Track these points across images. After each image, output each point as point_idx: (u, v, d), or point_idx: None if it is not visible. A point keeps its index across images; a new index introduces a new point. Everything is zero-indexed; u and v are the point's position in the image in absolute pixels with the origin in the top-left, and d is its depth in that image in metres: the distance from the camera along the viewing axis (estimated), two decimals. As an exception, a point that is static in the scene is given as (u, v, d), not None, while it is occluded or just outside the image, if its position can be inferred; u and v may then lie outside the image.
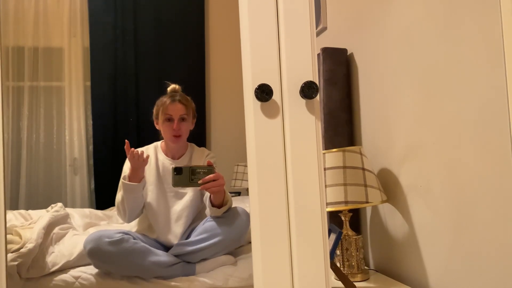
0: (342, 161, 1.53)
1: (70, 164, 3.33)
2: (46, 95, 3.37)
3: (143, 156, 1.67)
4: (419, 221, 1.44)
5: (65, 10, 3.40)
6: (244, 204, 2.05)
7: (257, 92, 0.87)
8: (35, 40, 3.35)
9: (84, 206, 3.24)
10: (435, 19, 1.31)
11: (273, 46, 0.90)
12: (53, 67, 3.39)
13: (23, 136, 3.28)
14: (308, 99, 0.89)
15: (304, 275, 0.88)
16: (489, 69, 1.09)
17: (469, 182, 1.18)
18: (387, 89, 1.62)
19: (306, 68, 0.90)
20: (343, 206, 1.48)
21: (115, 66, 3.40)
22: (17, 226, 1.84)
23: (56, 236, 1.79)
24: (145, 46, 3.45)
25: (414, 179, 1.46)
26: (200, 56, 3.56)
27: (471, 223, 1.19)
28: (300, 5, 0.91)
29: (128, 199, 1.71)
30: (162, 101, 1.81)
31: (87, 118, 3.41)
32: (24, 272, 1.59)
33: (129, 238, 1.63)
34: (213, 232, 1.67)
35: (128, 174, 1.70)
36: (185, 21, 3.53)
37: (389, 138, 1.62)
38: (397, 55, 1.54)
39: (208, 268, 1.68)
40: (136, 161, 1.66)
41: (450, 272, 1.28)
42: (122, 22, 3.43)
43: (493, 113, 1.09)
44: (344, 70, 1.90)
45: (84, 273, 1.64)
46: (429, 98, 1.35)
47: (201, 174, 1.57)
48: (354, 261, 1.57)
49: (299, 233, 0.89)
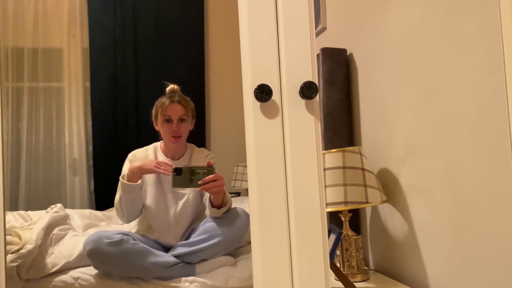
0: (342, 161, 1.53)
1: (69, 165, 3.33)
2: (45, 95, 3.37)
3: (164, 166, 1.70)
4: (419, 221, 1.44)
5: (65, 11, 3.40)
6: (244, 204, 2.05)
7: (256, 93, 0.87)
8: (34, 41, 3.35)
9: (83, 207, 3.24)
10: (434, 19, 1.31)
11: (272, 46, 0.90)
12: (52, 67, 3.39)
13: (22, 137, 3.27)
14: (307, 100, 0.89)
15: (304, 275, 0.88)
16: (488, 69, 1.09)
17: (469, 182, 1.18)
18: (387, 89, 1.62)
19: (305, 68, 0.90)
20: (343, 206, 1.48)
21: (114, 67, 3.40)
22: (17, 227, 1.84)
23: (56, 237, 1.79)
24: (144, 46, 3.44)
25: (414, 179, 1.46)
26: (199, 57, 3.55)
27: (471, 223, 1.18)
28: (299, 5, 0.91)
29: (126, 199, 1.71)
30: (161, 102, 1.81)
31: (86, 119, 3.40)
32: (23, 273, 1.59)
33: (129, 239, 1.63)
34: (213, 232, 1.66)
35: (127, 173, 1.71)
36: (184, 21, 3.53)
37: (388, 138, 1.62)
38: (396, 55, 1.54)
39: (208, 268, 1.67)
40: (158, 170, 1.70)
41: (450, 272, 1.28)
42: (121, 22, 3.42)
43: (493, 113, 1.08)
44: (343, 70, 1.90)
45: (84, 274, 1.64)
46: (428, 98, 1.35)
47: (200, 174, 1.57)
48: (354, 262, 1.57)
49: (299, 233, 0.88)
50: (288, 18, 0.91)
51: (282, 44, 0.90)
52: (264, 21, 0.90)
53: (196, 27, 3.56)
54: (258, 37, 0.90)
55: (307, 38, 0.90)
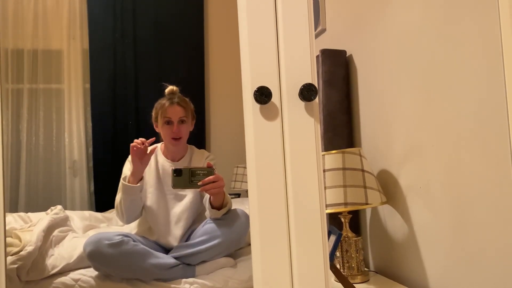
0: (342, 162, 1.53)
1: (69, 167, 3.33)
2: (45, 97, 3.37)
3: (142, 146, 1.68)
4: (418, 222, 1.44)
5: (64, 12, 3.40)
6: (244, 205, 2.05)
7: (256, 95, 0.87)
8: (34, 43, 3.35)
9: (83, 208, 3.23)
10: (433, 20, 1.31)
11: (272, 48, 0.90)
12: (52, 69, 3.39)
13: (22, 138, 3.27)
14: (307, 102, 0.89)
15: (304, 277, 0.88)
16: (488, 69, 1.09)
17: (469, 183, 1.18)
18: (386, 90, 1.62)
19: (305, 70, 0.90)
20: (343, 207, 1.48)
21: (114, 68, 3.40)
22: (17, 229, 1.84)
23: (56, 238, 1.79)
24: (144, 47, 3.44)
25: (414, 180, 1.46)
26: (199, 58, 3.56)
27: (470, 223, 1.19)
28: (299, 7, 0.91)
29: (126, 201, 1.71)
30: (161, 104, 1.81)
31: (86, 120, 3.40)
32: (23, 275, 1.59)
33: (129, 240, 1.63)
34: (213, 234, 1.67)
35: (129, 175, 1.71)
36: (184, 23, 3.53)
37: (388, 140, 1.62)
38: (396, 56, 1.54)
39: (208, 270, 1.68)
40: (137, 153, 1.67)
41: (450, 273, 1.28)
42: (121, 23, 3.42)
43: (492, 114, 1.09)
44: (343, 72, 1.90)
45: (84, 275, 1.64)
46: (428, 99, 1.35)
47: (200, 175, 1.57)
48: (354, 263, 1.57)
49: (299, 235, 0.89)
50: (288, 20, 0.91)
51: (282, 46, 0.90)
52: (264, 23, 0.91)
53: (196, 29, 3.56)
54: (258, 40, 0.90)
55: (307, 40, 0.90)
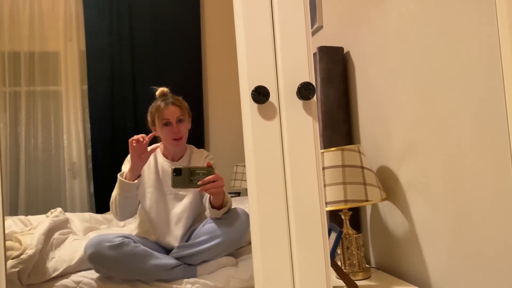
0: (341, 160, 1.53)
1: (69, 169, 3.33)
2: (43, 99, 3.37)
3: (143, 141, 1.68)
4: (419, 218, 1.44)
5: (61, 14, 3.39)
6: (244, 204, 2.05)
7: (253, 94, 0.87)
8: (31, 45, 3.34)
9: (83, 210, 3.23)
10: (431, 16, 1.31)
11: (268, 47, 0.90)
12: (49, 71, 3.38)
13: (21, 141, 3.27)
14: (305, 100, 0.89)
15: (305, 274, 0.88)
16: (486, 66, 1.09)
17: (468, 179, 1.18)
18: (384, 87, 1.62)
19: (302, 69, 0.90)
20: (343, 205, 1.48)
21: (111, 69, 3.40)
22: (17, 232, 1.84)
23: (56, 241, 1.79)
24: (141, 48, 3.44)
25: (413, 176, 1.46)
26: (196, 59, 3.55)
27: (470, 219, 1.19)
28: (295, 6, 0.91)
29: (120, 197, 1.70)
30: (155, 107, 1.80)
31: (85, 122, 3.40)
32: (25, 278, 1.59)
33: (130, 241, 1.63)
34: (213, 234, 1.67)
35: (127, 171, 1.70)
36: (181, 23, 3.53)
37: (387, 136, 1.62)
38: (393, 53, 1.54)
39: (209, 270, 1.68)
40: (136, 148, 1.67)
41: (451, 268, 1.29)
42: (118, 25, 3.42)
43: (491, 110, 1.09)
44: (340, 69, 1.90)
45: (85, 277, 1.64)
46: (426, 95, 1.35)
47: (200, 175, 1.56)
48: (355, 260, 1.57)
49: (299, 233, 0.89)
50: (284, 19, 0.90)
51: (279, 45, 0.90)
52: (260, 22, 0.90)
53: (193, 29, 3.56)
54: (254, 39, 0.90)
55: (303, 39, 0.90)
